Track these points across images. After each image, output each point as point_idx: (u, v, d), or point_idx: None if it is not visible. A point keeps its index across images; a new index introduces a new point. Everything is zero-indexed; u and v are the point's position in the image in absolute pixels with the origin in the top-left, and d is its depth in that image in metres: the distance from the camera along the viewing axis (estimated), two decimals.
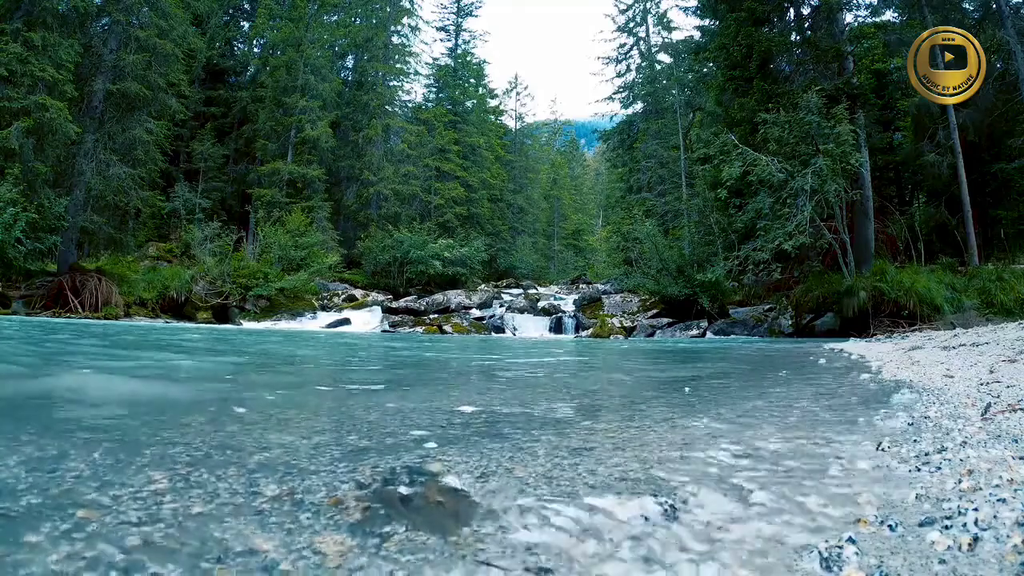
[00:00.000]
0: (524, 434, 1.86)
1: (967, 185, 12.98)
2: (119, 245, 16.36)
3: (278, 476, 1.27)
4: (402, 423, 2.06)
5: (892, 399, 2.51)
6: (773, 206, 12.36)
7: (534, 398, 3.04)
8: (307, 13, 24.80)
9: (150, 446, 1.49)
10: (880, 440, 1.65)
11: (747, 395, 3.20)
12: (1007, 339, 5.48)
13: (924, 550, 0.84)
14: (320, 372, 4.92)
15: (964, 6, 15.37)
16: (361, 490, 1.17)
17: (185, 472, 1.25)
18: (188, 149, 24.14)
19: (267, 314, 16.24)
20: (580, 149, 55.82)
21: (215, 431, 1.77)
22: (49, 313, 13.12)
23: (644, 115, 29.29)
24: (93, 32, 15.92)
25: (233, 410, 2.24)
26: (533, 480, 1.27)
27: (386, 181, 26.23)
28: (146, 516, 0.96)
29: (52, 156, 13.97)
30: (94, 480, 1.15)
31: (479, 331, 16.11)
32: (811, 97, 12.14)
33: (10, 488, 1.08)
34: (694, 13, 23.41)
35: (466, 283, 22.98)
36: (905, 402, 2.42)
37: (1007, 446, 1.42)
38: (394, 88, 31.25)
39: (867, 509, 1.06)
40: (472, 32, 35.98)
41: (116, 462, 1.31)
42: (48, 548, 0.82)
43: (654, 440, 1.74)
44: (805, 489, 1.21)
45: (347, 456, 1.49)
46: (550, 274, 34.73)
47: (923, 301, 11.04)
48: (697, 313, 14.97)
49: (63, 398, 2.50)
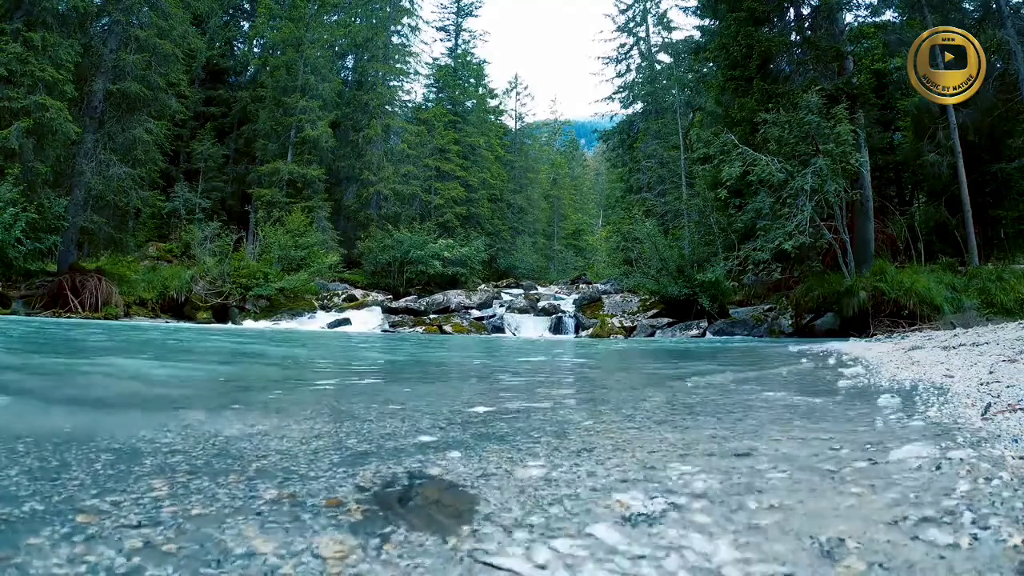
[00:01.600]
0: (524, 435, 1.86)
1: (967, 185, 12.97)
2: (119, 245, 16.37)
3: (277, 482, 1.27)
4: (402, 424, 2.06)
5: (892, 399, 2.51)
6: (773, 206, 12.36)
7: (534, 398, 3.04)
8: (307, 13, 24.80)
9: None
10: (880, 440, 1.65)
11: (748, 399, 3.20)
12: (1007, 339, 5.47)
13: (923, 549, 0.84)
14: (320, 372, 4.93)
15: (964, 6, 15.37)
16: (361, 492, 1.17)
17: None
18: (188, 149, 24.13)
19: (267, 314, 16.25)
20: (580, 149, 55.78)
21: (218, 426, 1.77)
22: (49, 313, 13.12)
23: (644, 115, 29.28)
24: (93, 32, 15.92)
25: (232, 409, 2.24)
26: (533, 482, 1.27)
27: (386, 181, 26.23)
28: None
29: (52, 156, 13.97)
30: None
31: (479, 331, 16.11)
32: (811, 97, 12.14)
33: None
34: (694, 13, 23.43)
35: (466, 283, 22.98)
36: (905, 402, 2.42)
37: (1007, 446, 1.42)
38: (394, 88, 31.25)
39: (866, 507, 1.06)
40: (472, 32, 36.02)
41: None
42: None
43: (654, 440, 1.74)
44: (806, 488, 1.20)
45: (346, 460, 1.49)
46: (550, 274, 34.73)
47: (923, 301, 11.04)
48: (697, 313, 14.97)
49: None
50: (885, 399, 2.51)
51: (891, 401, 2.46)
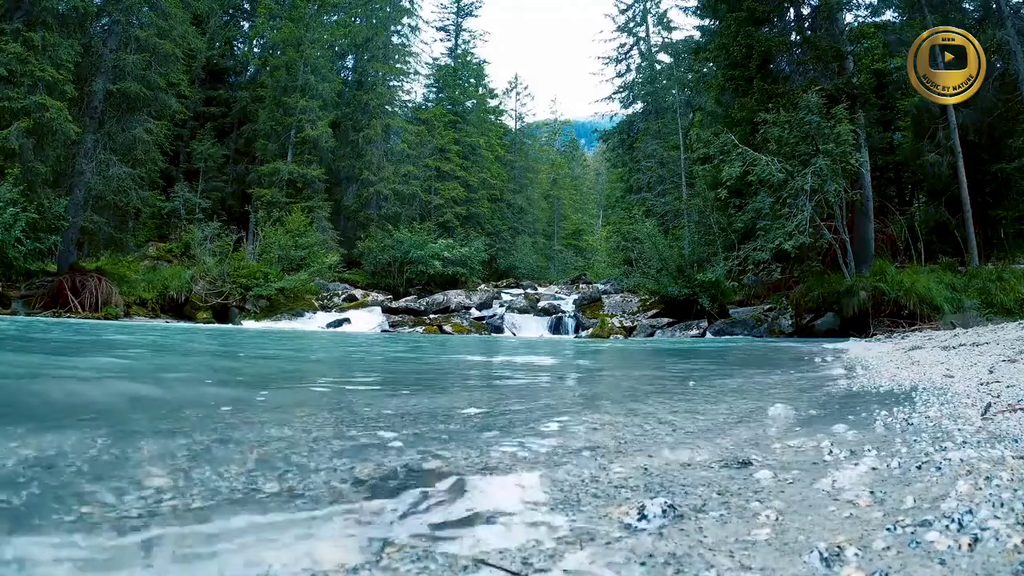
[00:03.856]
0: (524, 433, 1.86)
1: (967, 185, 12.97)
2: (119, 245, 16.35)
3: (277, 474, 1.27)
4: (402, 422, 2.06)
5: (892, 400, 2.51)
6: (773, 206, 12.35)
7: (533, 398, 3.05)
8: (307, 13, 24.77)
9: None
10: (880, 440, 1.65)
11: (745, 399, 3.20)
12: (1007, 339, 5.47)
13: (924, 550, 0.84)
14: (320, 372, 4.93)
15: (964, 6, 15.36)
16: (360, 487, 1.17)
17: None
18: (188, 149, 24.11)
19: (267, 314, 16.24)
20: (580, 149, 55.70)
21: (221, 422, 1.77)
22: (49, 313, 13.12)
23: (644, 115, 29.24)
24: (93, 32, 15.89)
25: (232, 406, 2.25)
26: (533, 478, 1.27)
27: (386, 181, 26.21)
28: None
29: (52, 156, 13.94)
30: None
31: (479, 331, 16.11)
32: (811, 97, 12.13)
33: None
34: (694, 13, 23.40)
35: (466, 283, 22.96)
36: (906, 403, 2.42)
37: (1007, 446, 1.42)
38: (394, 88, 31.21)
39: (866, 510, 1.06)
40: (472, 32, 35.94)
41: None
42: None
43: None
44: (806, 488, 1.20)
45: (347, 450, 1.49)
46: (550, 274, 34.68)
47: (923, 301, 11.03)
48: (697, 313, 14.96)
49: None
50: (884, 403, 2.51)
51: (902, 399, 2.46)
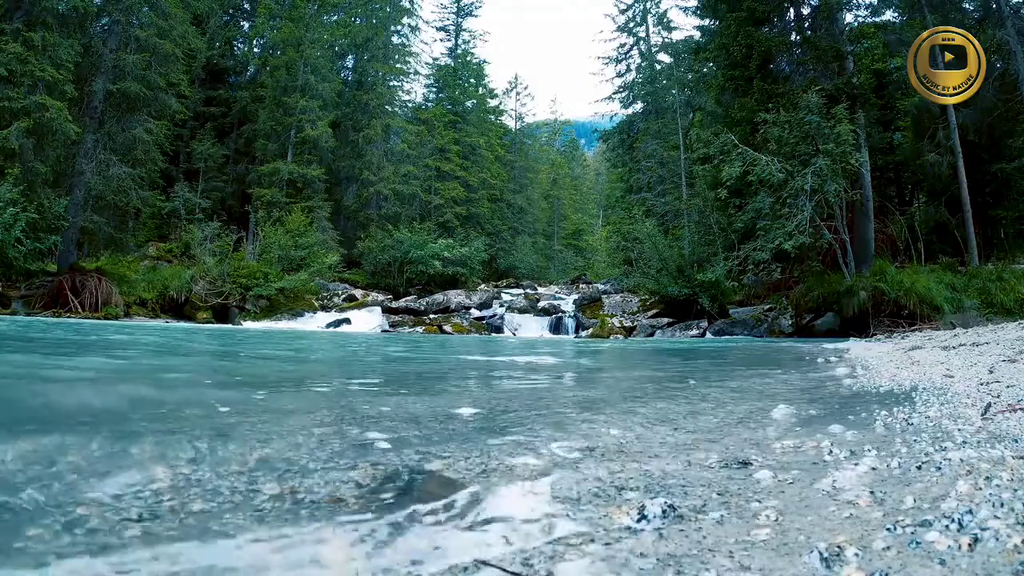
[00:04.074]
0: (524, 433, 1.86)
1: (967, 185, 12.96)
2: (119, 245, 16.34)
3: (277, 474, 1.27)
4: (402, 422, 2.06)
5: (892, 400, 2.51)
6: (773, 206, 12.35)
7: (533, 398, 3.04)
8: (307, 13, 24.76)
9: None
10: (880, 440, 1.65)
11: (745, 401, 3.20)
12: (1007, 339, 5.47)
13: (924, 550, 0.84)
14: (320, 372, 4.93)
15: (964, 6, 15.36)
16: (361, 488, 1.17)
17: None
18: (188, 149, 24.10)
19: (267, 314, 16.23)
20: (580, 149, 55.67)
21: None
22: (49, 313, 13.11)
23: (644, 115, 29.23)
24: (93, 32, 15.88)
25: (232, 407, 2.25)
26: (533, 478, 1.27)
27: (386, 181, 26.20)
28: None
29: (52, 156, 13.94)
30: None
31: (479, 331, 16.11)
32: (811, 97, 12.12)
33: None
34: (694, 13, 23.39)
35: (466, 283, 22.95)
36: (905, 403, 2.42)
37: (1007, 446, 1.42)
38: (394, 88, 31.19)
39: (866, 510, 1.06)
40: (472, 32, 35.91)
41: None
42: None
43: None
44: (808, 489, 1.20)
45: (347, 450, 1.49)
46: (550, 274, 34.67)
47: (923, 301, 11.03)
48: (697, 313, 14.96)
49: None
50: (884, 406, 2.51)
51: (903, 400, 2.45)
